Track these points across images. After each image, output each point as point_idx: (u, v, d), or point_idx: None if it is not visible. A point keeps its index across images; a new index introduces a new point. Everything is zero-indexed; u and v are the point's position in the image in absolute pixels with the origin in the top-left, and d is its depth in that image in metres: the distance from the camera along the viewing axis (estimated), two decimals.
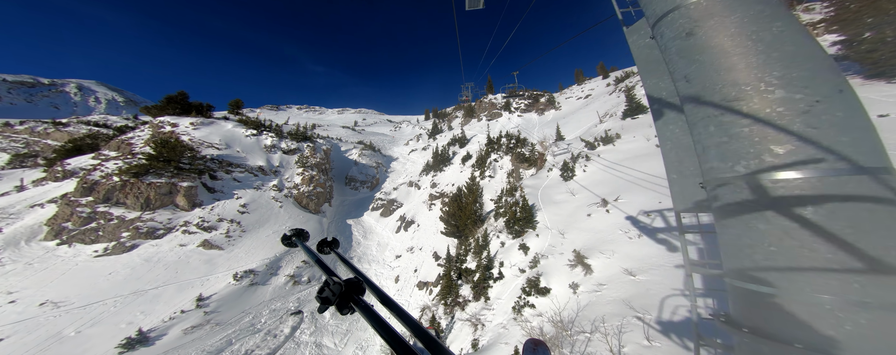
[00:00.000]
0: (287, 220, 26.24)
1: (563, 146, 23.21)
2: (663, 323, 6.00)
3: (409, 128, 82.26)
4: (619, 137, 18.95)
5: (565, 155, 21.26)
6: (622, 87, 35.96)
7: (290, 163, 30.53)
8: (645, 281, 7.79)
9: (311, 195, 29.69)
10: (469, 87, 62.18)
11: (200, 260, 19.84)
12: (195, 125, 28.07)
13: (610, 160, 16.88)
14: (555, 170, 19.56)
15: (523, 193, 17.48)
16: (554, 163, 20.51)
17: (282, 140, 31.82)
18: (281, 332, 17.06)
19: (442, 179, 36.27)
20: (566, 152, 21.47)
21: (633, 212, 11.25)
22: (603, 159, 17.38)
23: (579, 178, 16.81)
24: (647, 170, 13.88)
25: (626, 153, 16.86)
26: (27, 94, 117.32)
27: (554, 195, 16.49)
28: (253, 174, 27.27)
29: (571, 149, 21.84)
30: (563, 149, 22.88)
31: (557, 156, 22.08)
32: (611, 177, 15.00)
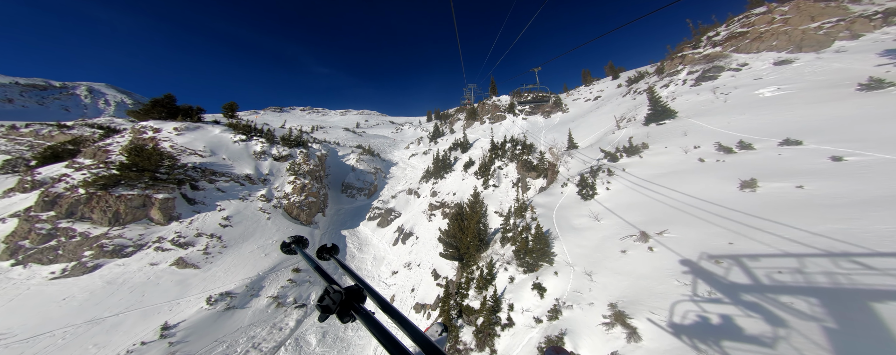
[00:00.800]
0: (274, 233, 23.73)
1: (578, 155, 20.28)
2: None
3: (410, 130, 79.73)
4: (646, 147, 16.00)
5: (581, 166, 18.36)
6: (636, 88, 32.79)
7: (281, 171, 28.04)
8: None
9: (303, 205, 27.16)
10: (471, 89, 59.32)
11: (172, 281, 17.37)
12: (179, 130, 25.69)
13: (639, 176, 13.95)
14: (570, 185, 16.67)
15: (535, 215, 14.64)
16: (569, 178, 17.62)
17: (273, 146, 29.34)
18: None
19: (443, 187, 33.53)
20: (583, 164, 18.54)
21: (689, 253, 8.37)
22: (630, 175, 14.45)
23: (603, 198, 13.92)
24: (694, 191, 10.96)
25: (659, 168, 13.92)
26: (39, 97, 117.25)
27: (573, 218, 13.62)
28: (239, 183, 24.80)
29: (587, 159, 18.92)
30: (578, 158, 19.96)
31: (571, 167, 19.17)
32: (644, 200, 12.09)
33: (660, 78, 30.57)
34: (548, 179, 20.87)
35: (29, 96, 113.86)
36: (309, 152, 31.04)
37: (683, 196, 10.94)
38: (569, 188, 16.46)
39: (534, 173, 28.55)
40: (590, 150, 20.51)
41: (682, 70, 27.34)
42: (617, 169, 15.39)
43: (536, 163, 28.83)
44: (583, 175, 16.27)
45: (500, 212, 27.19)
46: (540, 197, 17.19)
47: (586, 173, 16.37)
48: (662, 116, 18.97)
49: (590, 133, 27.99)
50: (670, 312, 7.08)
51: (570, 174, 18.28)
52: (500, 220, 26.43)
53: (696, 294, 7.14)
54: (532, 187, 28.25)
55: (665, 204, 11.15)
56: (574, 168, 18.72)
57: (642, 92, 30.17)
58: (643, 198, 12.21)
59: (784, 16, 20.94)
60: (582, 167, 18.13)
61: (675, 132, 16.44)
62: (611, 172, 15.15)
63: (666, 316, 7.04)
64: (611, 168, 15.40)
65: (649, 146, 15.96)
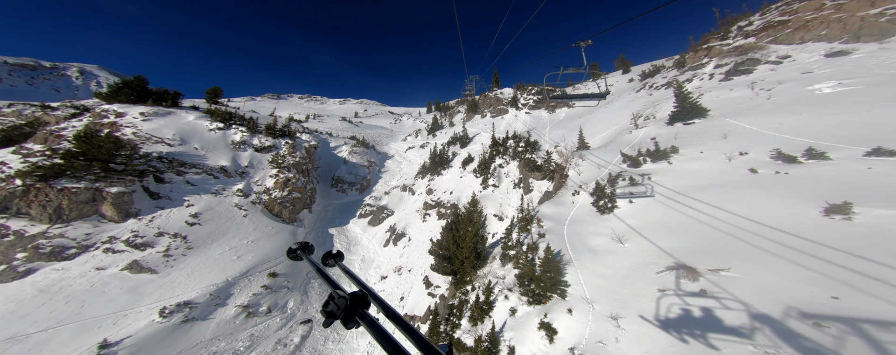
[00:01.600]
0: (251, 232, 21.22)
1: (590, 157, 17.54)
2: None
3: (409, 122, 76.40)
4: (675, 152, 13.26)
5: (595, 171, 15.66)
6: (652, 83, 29.66)
7: (263, 163, 25.25)
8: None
9: (286, 201, 24.55)
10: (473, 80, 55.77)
11: (121, 288, 14.92)
12: (147, 115, 22.71)
13: (671, 187, 11.29)
14: (583, 193, 14.03)
15: (542, 230, 12.06)
16: (581, 184, 14.94)
17: (255, 135, 26.42)
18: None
19: (439, 184, 30.91)
20: (598, 169, 15.82)
21: (767, 306, 5.82)
22: (658, 184, 11.78)
23: (625, 213, 11.30)
24: (752, 213, 8.32)
25: (695, 178, 11.24)
26: (28, 77, 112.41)
27: (589, 237, 11.05)
28: (213, 176, 22.06)
29: (602, 163, 16.20)
30: (590, 160, 17.22)
31: (583, 171, 16.46)
32: (682, 220, 9.48)
33: (680, 72, 27.45)
34: (555, 183, 18.20)
35: (18, 76, 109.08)
36: (295, 143, 28.14)
37: (738, 218, 8.31)
38: (581, 198, 13.82)
39: (538, 174, 25.89)
40: (604, 152, 17.75)
41: (708, 63, 24.23)
42: (640, 176, 12.70)
43: (541, 162, 26.09)
44: (599, 182, 13.61)
45: (499, 215, 24.73)
46: (547, 206, 14.56)
47: (603, 180, 13.70)
48: (691, 114, 16.14)
49: (600, 131, 25.12)
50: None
51: (581, 179, 15.60)
52: (499, 225, 23.99)
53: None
54: (535, 188, 25.67)
55: (713, 227, 8.54)
56: (586, 172, 16.03)
57: (660, 87, 27.12)
58: (680, 218, 9.59)
59: (836, 1, 17.76)
60: (596, 172, 15.43)
61: (710, 134, 13.65)
62: (633, 181, 12.46)
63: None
64: (634, 177, 12.70)
65: (679, 150, 13.23)
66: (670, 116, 17.17)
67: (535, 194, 24.87)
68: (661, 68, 33.80)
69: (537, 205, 17.95)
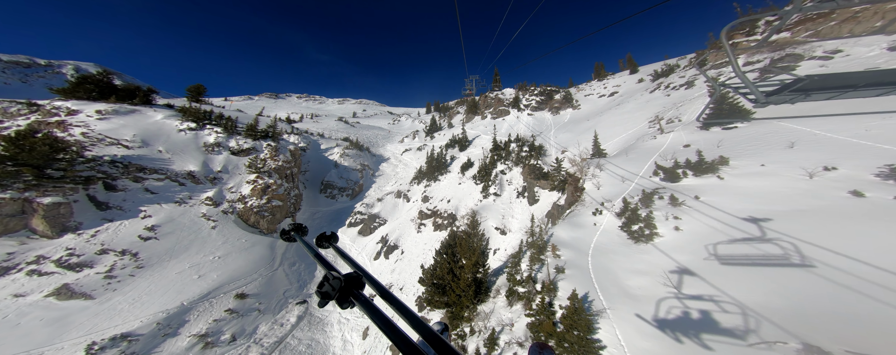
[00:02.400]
0: (219, 246, 18.39)
1: (609, 167, 14.76)
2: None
3: (408, 122, 73.62)
4: (725, 164, 10.50)
5: (617, 184, 12.89)
6: (668, 83, 26.94)
7: (240, 168, 22.42)
8: None
9: (264, 210, 21.72)
10: (473, 80, 53.08)
11: (43, 320, 12.05)
12: (104, 114, 19.89)
13: (729, 211, 8.52)
14: (607, 213, 11.25)
15: (560, 263, 9.28)
16: (604, 202, 12.15)
17: (231, 137, 23.60)
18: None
19: (436, 191, 28.14)
20: (621, 182, 13.02)
21: None
22: (710, 207, 9.01)
23: (670, 244, 8.52)
24: (878, 257, 5.55)
25: (763, 200, 8.47)
26: (22, 74, 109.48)
27: (623, 274, 8.26)
28: (178, 182, 19.23)
29: (625, 174, 13.43)
30: (610, 171, 14.43)
31: (603, 183, 13.67)
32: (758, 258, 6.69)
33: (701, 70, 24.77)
34: (567, 196, 15.42)
35: (11, 73, 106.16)
36: (278, 146, 25.31)
37: (857, 264, 5.53)
38: (605, 219, 11.04)
39: (544, 182, 23.14)
40: (625, 161, 14.99)
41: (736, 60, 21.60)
42: (684, 193, 9.93)
43: (548, 170, 23.33)
44: (627, 201, 10.86)
45: (501, 228, 21.98)
46: (563, 228, 11.76)
47: (632, 198, 10.93)
48: (731, 117, 13.38)
49: (613, 136, 22.36)
50: None
51: (602, 195, 12.81)
52: (502, 239, 21.23)
53: None
54: (542, 198, 22.93)
55: (817, 274, 5.77)
56: (607, 185, 13.26)
57: (679, 87, 24.41)
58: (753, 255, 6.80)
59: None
60: (621, 186, 12.66)
61: (766, 141, 10.88)
62: (676, 200, 9.68)
63: None
64: (674, 193, 9.92)
65: (730, 161, 10.45)
66: (703, 120, 14.41)
67: (543, 205, 22.12)
68: (675, 67, 31.12)
69: (547, 223, 15.16)
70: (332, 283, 0.86)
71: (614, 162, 15.09)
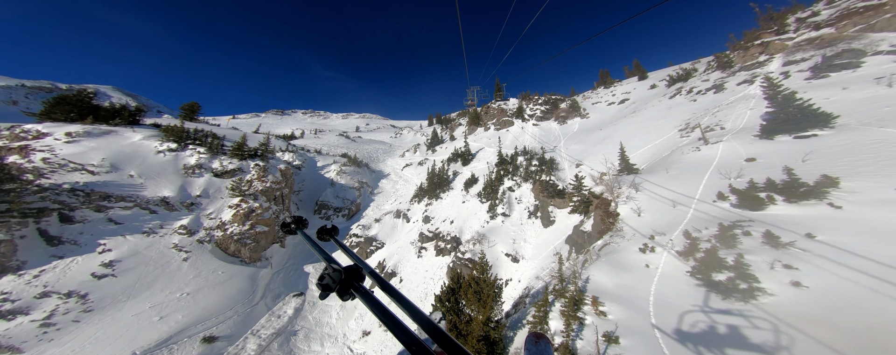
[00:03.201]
0: (190, 281, 15.72)
1: (648, 186, 11.82)
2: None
3: (410, 135, 71.92)
4: (835, 185, 7.54)
5: (668, 211, 9.94)
6: (690, 88, 24.21)
7: (222, 191, 20.10)
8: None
9: (246, 237, 19.14)
10: (475, 91, 51.25)
11: None
12: (74, 136, 17.99)
13: (872, 257, 5.51)
14: (663, 252, 8.27)
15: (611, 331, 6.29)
16: (655, 233, 9.16)
17: (216, 157, 21.46)
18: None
19: (438, 211, 25.36)
20: (672, 207, 10.05)
21: None
22: (840, 250, 6.01)
23: (792, 309, 5.47)
24: None
25: None
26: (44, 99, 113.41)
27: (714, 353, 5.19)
28: (149, 210, 16.89)
29: (673, 195, 10.48)
30: (650, 192, 11.49)
31: (643, 208, 10.72)
32: None
33: (726, 73, 22.09)
34: (596, 223, 12.42)
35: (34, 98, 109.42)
36: (267, 165, 23.07)
37: None
38: (662, 259, 8.05)
39: (559, 201, 20.19)
40: (663, 177, 12.08)
41: (769, 61, 18.86)
42: (782, 227, 6.95)
43: (563, 187, 20.43)
44: (691, 236, 7.93)
45: (513, 255, 18.88)
46: (601, 269, 8.77)
47: (700, 232, 7.97)
48: (803, 124, 10.51)
49: (636, 146, 19.48)
50: None
51: (646, 223, 9.85)
52: (514, 268, 18.05)
53: None
54: (558, 219, 19.87)
55: None
56: (651, 211, 10.33)
57: (705, 91, 21.65)
58: None
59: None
60: (671, 213, 9.72)
61: (883, 154, 7.91)
62: (776, 240, 6.69)
63: None
64: (770, 228, 6.93)
65: (840, 182, 7.48)
66: (762, 127, 11.55)
67: (560, 227, 19.04)
68: (693, 72, 28.52)
69: (577, 259, 12.10)
70: (333, 276, 0.84)
71: (652, 179, 12.17)
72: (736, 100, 16.92)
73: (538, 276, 15.52)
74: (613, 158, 16.86)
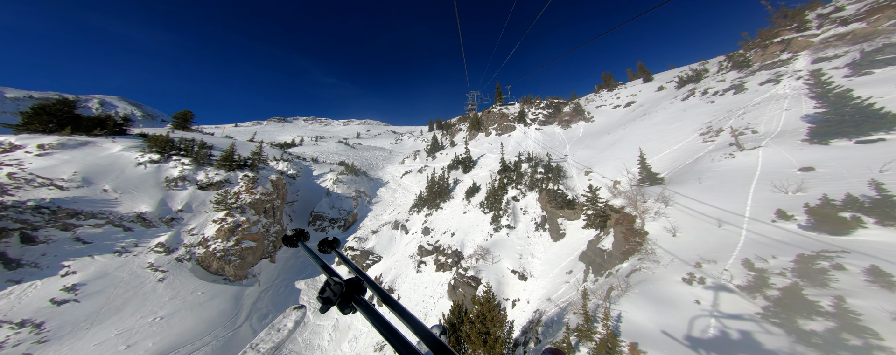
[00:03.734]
0: (165, 303, 14.02)
1: (679, 200, 10.10)
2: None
3: (410, 141, 70.65)
4: None
5: (713, 231, 8.22)
6: (703, 89, 22.62)
7: (206, 205, 18.57)
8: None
9: (231, 253, 17.49)
10: (475, 96, 49.92)
11: None
12: (47, 149, 16.62)
13: None
14: (716, 284, 6.53)
15: None
16: (702, 260, 7.42)
17: (201, 168, 20.00)
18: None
19: (438, 221, 23.66)
20: (712, 223, 8.30)
21: None
22: None
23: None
24: None
25: None
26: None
27: None
28: (123, 227, 15.34)
29: (716, 212, 8.76)
30: (681, 207, 9.76)
31: (678, 225, 8.98)
32: None
33: (744, 73, 20.51)
34: (617, 241, 10.68)
35: None
36: (257, 176, 21.58)
37: None
38: (718, 295, 6.30)
39: (569, 211, 18.46)
40: (695, 189, 10.39)
41: (793, 58, 17.31)
42: (890, 260, 5.21)
43: (572, 196, 18.71)
44: (755, 266, 6.23)
45: (520, 272, 17.06)
46: (636, 304, 7.02)
47: (767, 263, 6.25)
48: (865, 126, 8.83)
49: (653, 151, 17.76)
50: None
51: (685, 244, 8.12)
52: (522, 288, 16.15)
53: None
54: (568, 232, 18.08)
55: None
56: (690, 229, 8.62)
57: (723, 92, 20.04)
58: None
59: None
60: (716, 233, 8.00)
61: None
62: (892, 280, 4.95)
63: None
64: (879, 265, 5.20)
65: None
66: (811, 130, 9.86)
67: (571, 241, 17.25)
68: (703, 72, 27.00)
69: (589, 275, 10.30)
70: (334, 288, 0.83)
71: (682, 191, 10.46)
72: (763, 101, 15.28)
73: (550, 298, 13.70)
74: (629, 165, 15.18)
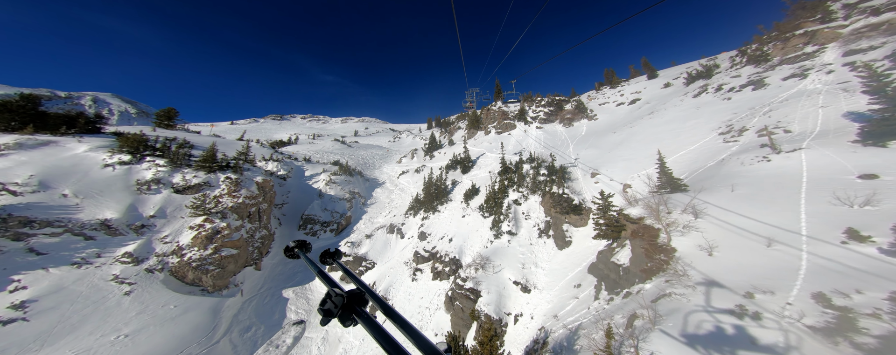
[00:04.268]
0: (131, 319, 12.49)
1: (710, 211, 8.59)
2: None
3: (409, 139, 68.86)
4: None
5: (760, 250, 6.73)
6: (720, 84, 21.02)
7: (182, 210, 16.94)
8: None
9: (209, 262, 15.92)
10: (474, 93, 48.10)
11: None
12: (3, 149, 14.89)
13: None
14: (779, 321, 5.03)
15: None
16: (755, 290, 5.91)
17: (178, 170, 18.31)
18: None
19: (435, 225, 22.14)
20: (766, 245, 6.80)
21: None
22: None
23: None
24: None
25: None
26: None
27: None
28: (83, 236, 13.72)
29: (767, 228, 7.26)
30: (712, 219, 8.25)
31: (714, 243, 7.47)
32: None
33: (763, 67, 18.94)
34: (635, 257, 9.18)
35: None
36: (240, 178, 19.93)
37: None
38: (784, 335, 4.80)
39: (575, 217, 16.96)
40: (726, 197, 8.89)
41: (820, 51, 15.76)
42: None
43: (578, 201, 17.20)
44: (833, 302, 4.76)
45: (522, 284, 15.58)
46: (670, 345, 5.52)
47: (848, 298, 4.77)
48: None
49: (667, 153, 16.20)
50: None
51: (726, 267, 6.63)
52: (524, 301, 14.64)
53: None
54: (575, 240, 16.58)
55: None
56: (730, 248, 7.13)
57: (740, 88, 18.48)
58: None
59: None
60: (765, 254, 6.52)
61: None
62: None
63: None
64: None
65: None
66: (863, 131, 8.33)
67: (578, 250, 15.76)
68: (714, 68, 25.40)
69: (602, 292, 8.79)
70: (335, 300, 0.81)
71: (713, 200, 8.94)
72: (790, 98, 13.74)
73: (557, 315, 12.25)
74: (641, 167, 13.66)
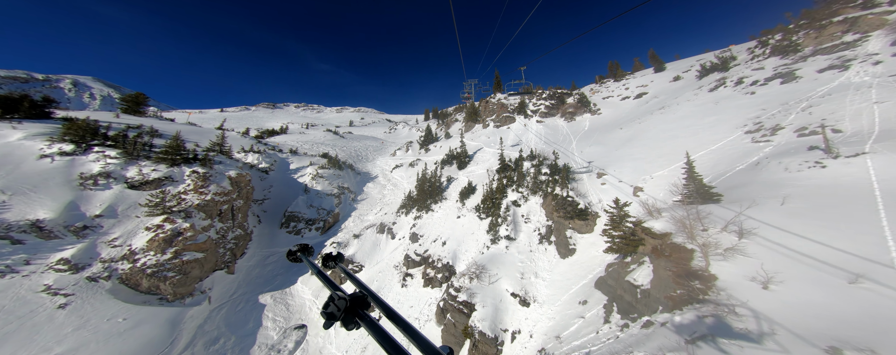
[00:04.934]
0: (67, 336, 10.50)
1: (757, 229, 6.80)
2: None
3: (405, 131, 66.16)
4: None
5: (839, 286, 4.96)
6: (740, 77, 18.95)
7: (137, 209, 14.65)
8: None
9: (166, 269, 13.84)
10: (472, 85, 45.36)
11: None
12: None
13: None
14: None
15: None
16: (843, 351, 4.12)
17: (133, 163, 15.85)
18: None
19: (427, 226, 20.27)
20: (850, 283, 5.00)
21: None
22: None
23: None
24: None
25: None
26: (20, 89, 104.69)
27: None
28: (9, 240, 11.46)
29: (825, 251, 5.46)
30: (764, 237, 6.45)
31: (773, 272, 5.66)
32: None
33: (792, 58, 16.93)
34: (657, 278, 7.42)
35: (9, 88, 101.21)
36: (209, 172, 17.55)
37: None
38: None
39: (579, 222, 15.17)
40: (776, 213, 7.11)
41: (863, 40, 13.79)
42: None
43: (584, 204, 15.38)
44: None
45: (521, 296, 13.94)
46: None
47: None
48: None
49: (675, 153, 14.32)
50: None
51: (787, 302, 4.86)
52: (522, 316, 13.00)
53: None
54: (579, 248, 14.84)
55: None
56: (795, 280, 5.37)
57: (765, 81, 16.49)
58: None
59: None
60: (846, 293, 4.73)
61: None
62: None
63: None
64: None
65: None
66: None
67: (583, 259, 14.07)
68: (731, 60, 23.29)
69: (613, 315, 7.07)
70: (338, 304, 0.80)
71: (758, 215, 7.11)
72: (833, 92, 11.81)
73: (559, 336, 10.64)
74: (653, 167, 11.81)
